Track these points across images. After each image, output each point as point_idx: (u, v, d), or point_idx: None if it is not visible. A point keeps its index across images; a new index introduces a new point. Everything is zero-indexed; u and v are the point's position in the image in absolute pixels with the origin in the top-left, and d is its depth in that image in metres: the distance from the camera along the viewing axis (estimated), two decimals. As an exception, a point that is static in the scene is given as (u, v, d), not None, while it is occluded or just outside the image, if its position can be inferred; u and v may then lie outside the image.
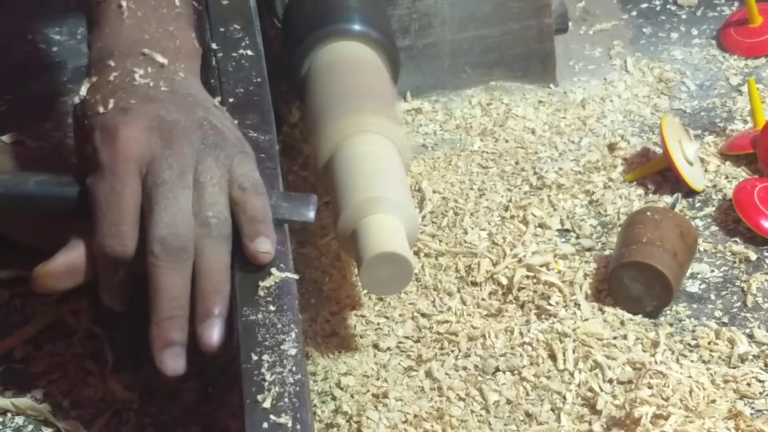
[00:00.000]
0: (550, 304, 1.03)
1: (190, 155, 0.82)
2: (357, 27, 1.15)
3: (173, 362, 0.81)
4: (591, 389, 0.94)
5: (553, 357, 0.98)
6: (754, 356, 0.97)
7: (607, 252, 1.09)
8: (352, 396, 0.96)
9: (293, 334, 0.77)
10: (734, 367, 0.96)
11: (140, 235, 0.82)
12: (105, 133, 0.82)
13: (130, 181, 0.81)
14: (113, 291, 0.87)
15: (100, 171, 0.82)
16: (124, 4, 0.90)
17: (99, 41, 0.90)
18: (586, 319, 1.01)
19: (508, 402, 0.95)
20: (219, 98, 0.93)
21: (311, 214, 0.88)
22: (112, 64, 0.87)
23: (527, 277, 1.06)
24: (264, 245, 0.82)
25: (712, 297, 1.04)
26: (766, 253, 1.08)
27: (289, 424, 0.71)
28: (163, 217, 0.80)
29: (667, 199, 1.15)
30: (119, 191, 0.81)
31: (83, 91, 0.87)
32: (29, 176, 0.88)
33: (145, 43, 0.88)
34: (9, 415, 0.94)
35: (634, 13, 1.47)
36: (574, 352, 0.98)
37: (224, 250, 0.82)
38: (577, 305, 1.03)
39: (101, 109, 0.84)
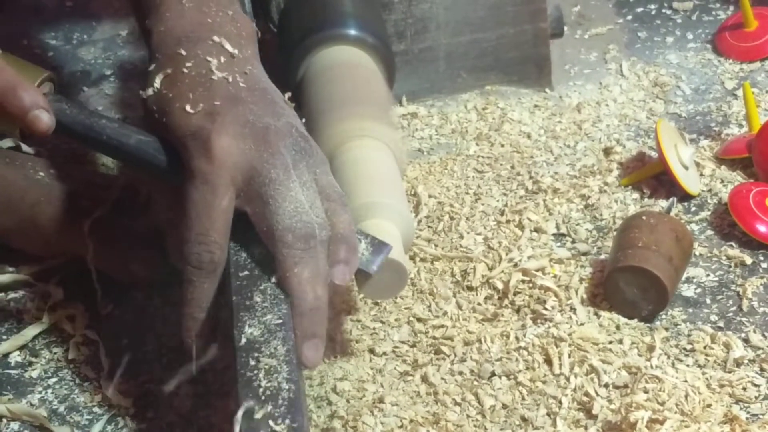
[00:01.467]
0: (545, 309, 1.03)
1: (288, 158, 0.81)
2: (353, 32, 1.15)
3: (314, 355, 0.79)
4: (587, 394, 0.94)
5: (548, 361, 0.98)
6: (749, 360, 0.97)
7: (602, 256, 1.09)
8: (348, 401, 0.96)
9: (289, 340, 0.77)
10: (730, 372, 0.96)
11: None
12: (197, 140, 0.82)
13: (222, 191, 0.81)
14: (196, 317, 0.84)
15: (193, 178, 0.81)
16: None
17: (161, 24, 0.88)
18: (582, 324, 1.01)
19: (504, 407, 0.95)
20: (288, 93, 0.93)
21: (375, 268, 0.88)
22: (183, 52, 0.86)
23: (523, 281, 1.06)
24: (341, 276, 0.82)
25: (708, 301, 1.04)
26: (761, 258, 1.08)
27: (285, 431, 0.71)
28: (285, 208, 0.79)
29: (663, 204, 1.15)
30: (210, 201, 0.80)
31: (157, 82, 0.86)
32: (132, 132, 0.87)
33: (210, 27, 0.88)
34: (5, 420, 0.94)
35: (629, 18, 1.47)
36: (569, 356, 0.98)
37: (324, 258, 0.81)
38: (573, 309, 1.03)
39: (189, 109, 0.83)
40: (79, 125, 0.87)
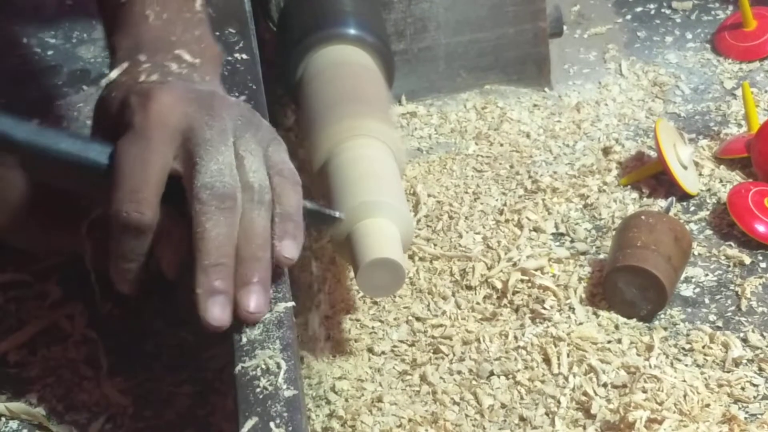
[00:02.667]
0: (544, 308, 1.03)
1: (230, 124, 0.80)
2: (352, 31, 1.15)
3: (220, 312, 0.76)
4: (585, 393, 0.94)
5: (547, 361, 0.98)
6: (748, 360, 0.97)
7: (601, 256, 1.09)
8: (346, 400, 0.96)
9: (288, 339, 0.77)
10: (728, 371, 0.96)
11: (162, 210, 0.79)
12: (141, 97, 0.80)
13: (160, 147, 0.78)
14: (125, 268, 0.82)
15: (130, 134, 0.79)
16: (148, 6, 0.89)
17: (125, 40, 0.88)
18: (581, 323, 1.01)
19: (503, 406, 0.95)
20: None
21: (338, 213, 0.89)
22: (143, 58, 0.85)
23: (522, 281, 1.06)
24: (290, 250, 0.79)
25: (707, 301, 1.05)
26: (760, 257, 1.08)
27: (284, 430, 0.71)
28: (209, 167, 0.77)
29: (662, 203, 1.15)
30: (146, 157, 0.78)
31: (114, 74, 0.85)
32: (61, 133, 0.81)
33: (172, 44, 0.87)
34: (3, 419, 0.94)
35: (628, 17, 1.47)
36: (568, 356, 0.98)
37: (265, 216, 0.79)
38: (572, 309, 1.03)
39: (139, 80, 0.82)
40: None
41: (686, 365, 0.97)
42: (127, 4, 0.90)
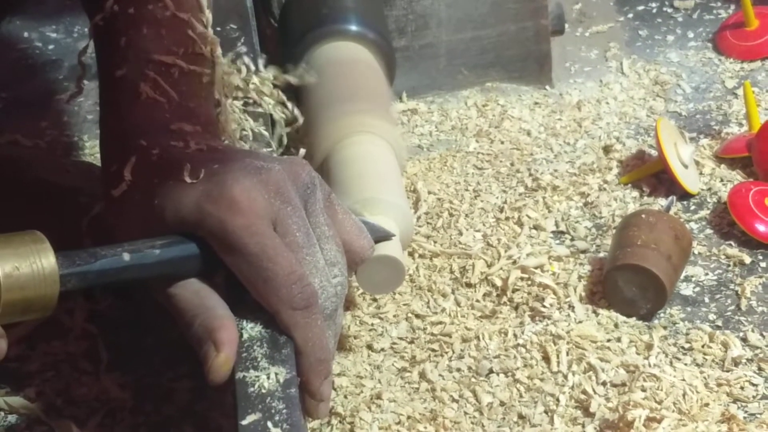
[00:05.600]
0: (544, 306, 1.03)
1: (300, 205, 0.76)
2: (353, 27, 1.15)
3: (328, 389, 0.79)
4: (584, 392, 0.94)
5: (546, 359, 0.98)
6: (747, 360, 0.97)
7: (601, 254, 1.09)
8: (345, 397, 0.96)
9: (286, 336, 0.77)
10: (728, 371, 0.96)
11: None
12: (215, 202, 0.74)
13: (269, 230, 0.74)
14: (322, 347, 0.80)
15: (237, 243, 0.74)
16: (141, 83, 0.83)
17: (112, 116, 0.84)
18: (580, 322, 1.01)
19: (502, 404, 0.95)
20: None
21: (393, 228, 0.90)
22: (144, 143, 0.79)
23: (521, 278, 1.06)
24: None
25: (706, 300, 1.04)
26: (760, 257, 1.08)
27: (282, 426, 0.71)
28: (315, 282, 0.76)
29: (662, 202, 1.15)
30: (276, 244, 0.74)
31: (127, 174, 0.78)
32: (142, 246, 0.76)
33: (167, 120, 0.82)
34: (2, 413, 0.94)
35: (630, 16, 1.47)
36: (567, 354, 0.98)
37: (341, 315, 0.81)
38: (572, 307, 1.03)
39: (187, 178, 0.75)
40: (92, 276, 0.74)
41: (686, 364, 0.97)
42: (119, 80, 0.85)
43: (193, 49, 0.86)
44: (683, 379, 0.94)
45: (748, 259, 1.08)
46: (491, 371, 0.98)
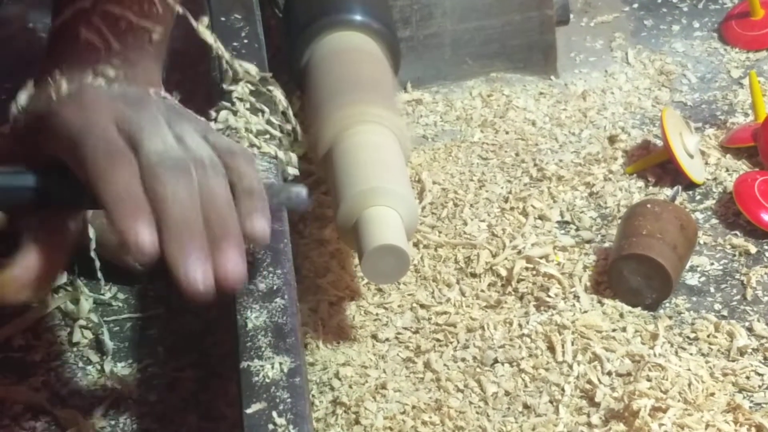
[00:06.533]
0: (549, 296, 1.02)
1: (162, 114, 0.76)
2: (358, 17, 1.15)
3: (201, 273, 0.69)
4: (590, 381, 0.94)
5: (551, 349, 0.98)
6: (753, 349, 0.97)
7: (606, 244, 1.09)
8: (350, 386, 0.96)
9: (291, 325, 0.77)
10: (733, 360, 0.96)
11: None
12: (68, 109, 0.75)
13: (118, 138, 0.73)
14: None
15: (81, 142, 0.73)
16: (83, 29, 0.82)
17: (46, 60, 0.83)
18: (585, 312, 1.01)
19: (507, 394, 0.95)
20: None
21: (304, 193, 0.80)
22: (58, 76, 0.79)
23: (526, 268, 1.06)
24: (261, 226, 0.73)
25: (712, 290, 1.04)
26: (766, 247, 1.08)
27: (287, 416, 0.71)
28: (153, 147, 0.72)
29: (668, 192, 1.15)
30: (116, 148, 0.72)
31: (22, 100, 0.80)
32: None
33: (96, 61, 0.81)
34: (7, 403, 0.94)
35: (635, 5, 1.46)
36: (573, 344, 0.98)
37: (223, 183, 0.73)
38: (577, 297, 1.03)
39: (57, 103, 0.76)
40: None
41: (691, 354, 0.97)
42: (61, 27, 0.83)
43: (148, 7, 0.84)
44: (689, 369, 0.94)
45: (753, 249, 1.08)
46: (496, 361, 0.98)
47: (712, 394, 0.92)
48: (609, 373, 0.95)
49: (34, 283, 0.73)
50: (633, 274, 1.01)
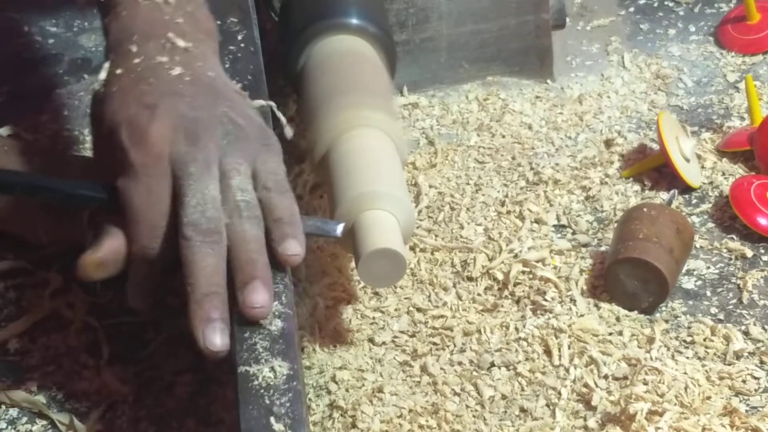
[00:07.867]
0: (545, 300, 1.03)
1: (215, 150, 0.81)
2: (354, 21, 1.15)
3: (219, 338, 0.77)
4: (586, 385, 0.94)
5: (548, 352, 0.98)
6: (749, 353, 0.97)
7: (603, 248, 1.09)
8: (347, 390, 0.96)
9: (288, 329, 0.77)
10: (729, 364, 0.96)
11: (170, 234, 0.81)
12: (134, 131, 0.80)
13: (165, 181, 0.80)
14: (148, 293, 0.86)
15: (132, 172, 0.80)
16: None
17: (116, 21, 0.87)
18: (582, 315, 1.01)
19: (503, 397, 0.95)
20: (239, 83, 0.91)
21: (339, 230, 0.90)
22: (134, 49, 0.85)
23: (523, 272, 1.06)
24: (293, 248, 0.80)
25: (708, 294, 1.04)
26: (762, 250, 1.08)
27: (284, 420, 0.71)
28: (192, 203, 0.78)
29: (664, 196, 1.15)
30: (157, 193, 0.80)
31: (102, 75, 0.85)
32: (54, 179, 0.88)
33: (164, 24, 0.86)
34: (3, 407, 0.94)
35: (631, 9, 1.46)
36: (569, 347, 0.98)
37: (256, 226, 0.80)
38: (573, 301, 1.03)
39: (129, 101, 0.82)
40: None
41: (687, 358, 0.97)
42: None
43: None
44: (685, 373, 0.94)
45: (749, 253, 1.08)
46: (493, 365, 0.98)
47: (709, 398, 0.92)
48: (605, 377, 0.95)
49: (114, 263, 0.82)
50: (629, 277, 1.02)
